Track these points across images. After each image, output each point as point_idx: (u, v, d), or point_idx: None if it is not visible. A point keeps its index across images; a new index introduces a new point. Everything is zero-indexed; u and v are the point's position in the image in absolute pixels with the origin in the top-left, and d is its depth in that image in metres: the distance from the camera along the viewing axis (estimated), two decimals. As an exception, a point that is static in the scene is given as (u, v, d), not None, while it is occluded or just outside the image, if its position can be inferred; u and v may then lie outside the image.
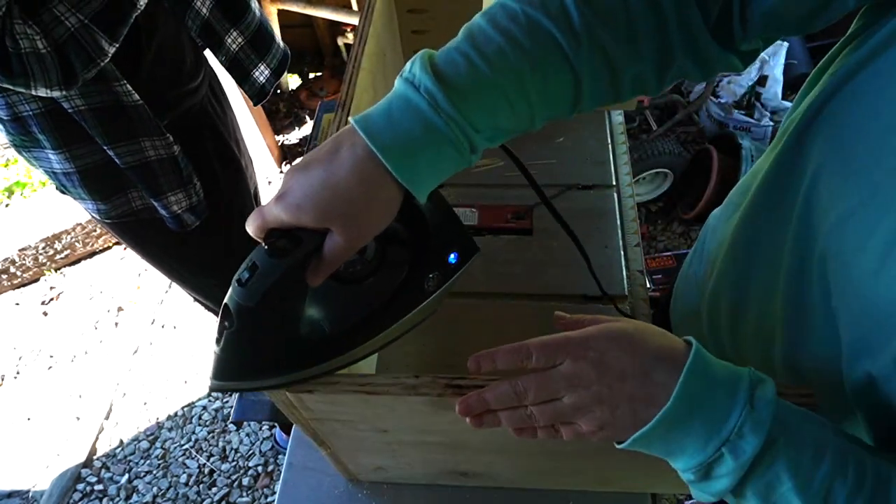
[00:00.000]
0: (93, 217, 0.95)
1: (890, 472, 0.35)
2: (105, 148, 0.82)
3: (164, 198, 0.90)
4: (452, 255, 0.48)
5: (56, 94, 0.71)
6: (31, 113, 0.78)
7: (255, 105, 1.08)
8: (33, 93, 0.70)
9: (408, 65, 0.37)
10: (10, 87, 0.69)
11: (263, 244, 0.40)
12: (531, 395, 0.38)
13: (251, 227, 0.40)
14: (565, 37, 0.37)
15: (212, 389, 0.43)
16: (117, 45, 0.73)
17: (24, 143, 0.83)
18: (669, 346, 0.38)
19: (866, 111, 0.36)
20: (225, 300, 0.41)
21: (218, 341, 0.41)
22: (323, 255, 0.40)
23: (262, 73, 1.02)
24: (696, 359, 0.36)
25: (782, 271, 0.46)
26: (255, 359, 0.43)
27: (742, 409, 0.34)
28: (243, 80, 1.01)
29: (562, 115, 0.42)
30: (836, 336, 0.40)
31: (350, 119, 0.37)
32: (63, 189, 0.91)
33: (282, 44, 1.05)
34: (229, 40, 0.94)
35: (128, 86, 0.79)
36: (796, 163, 0.44)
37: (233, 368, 0.42)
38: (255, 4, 0.97)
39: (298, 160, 0.40)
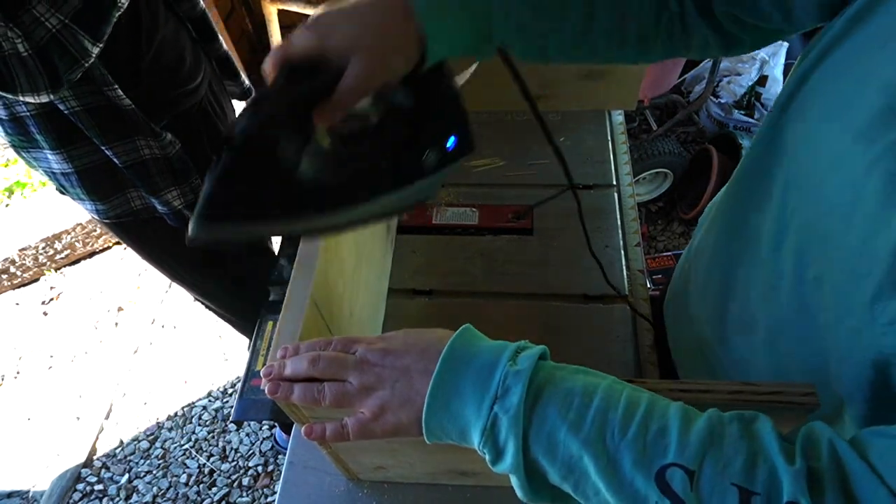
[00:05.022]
0: (92, 217, 0.96)
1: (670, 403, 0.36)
2: (102, 148, 0.82)
3: (161, 195, 0.91)
4: (451, 140, 0.48)
5: (44, 98, 0.70)
6: (28, 113, 0.78)
7: None
8: (21, 99, 0.70)
9: None
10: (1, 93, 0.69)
11: (280, 77, 0.40)
12: (321, 364, 0.41)
13: (272, 58, 0.41)
14: None
15: (193, 235, 0.39)
16: (101, 46, 0.72)
17: (23, 143, 0.83)
18: (453, 332, 0.40)
19: (819, 102, 0.40)
20: (226, 130, 0.40)
21: (213, 169, 0.39)
22: (338, 88, 0.42)
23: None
24: (465, 329, 0.40)
25: (762, 252, 0.48)
26: (249, 195, 0.41)
27: (505, 365, 0.36)
28: None
29: (571, 46, 0.47)
30: (810, 316, 0.42)
31: None
32: (62, 190, 0.91)
33: (246, 82, 1.10)
34: None
35: (119, 90, 0.79)
36: (776, 142, 0.47)
37: (225, 203, 0.40)
38: (221, 40, 1.02)
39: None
